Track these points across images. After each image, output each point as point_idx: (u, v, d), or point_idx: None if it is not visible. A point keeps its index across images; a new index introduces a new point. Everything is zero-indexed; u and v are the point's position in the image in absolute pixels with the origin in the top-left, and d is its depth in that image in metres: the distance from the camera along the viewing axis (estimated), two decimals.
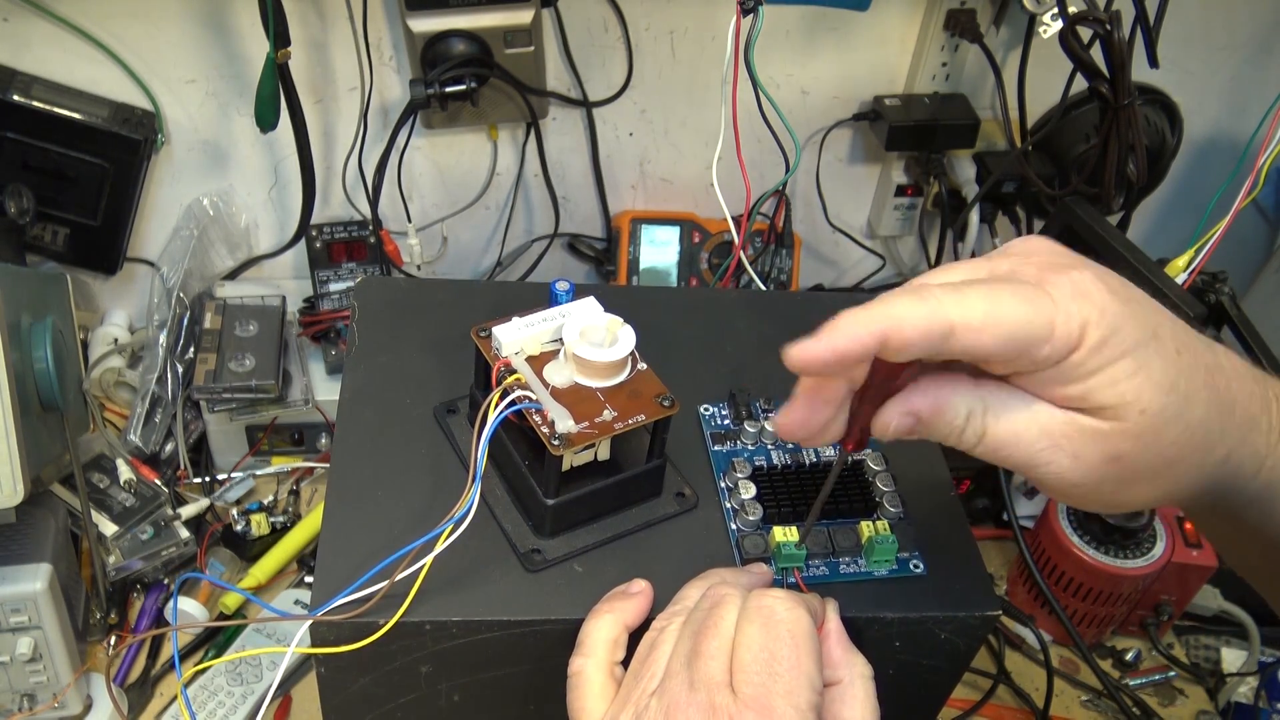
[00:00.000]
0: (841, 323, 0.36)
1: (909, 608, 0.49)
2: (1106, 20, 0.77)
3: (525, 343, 0.48)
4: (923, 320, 0.35)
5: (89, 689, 0.75)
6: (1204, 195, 0.96)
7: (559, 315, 0.49)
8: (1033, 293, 0.36)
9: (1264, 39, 1.03)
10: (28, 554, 0.70)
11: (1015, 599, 0.89)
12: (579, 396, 0.46)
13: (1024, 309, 0.35)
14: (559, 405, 0.45)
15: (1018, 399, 0.38)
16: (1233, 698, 0.83)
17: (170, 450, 0.90)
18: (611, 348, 0.47)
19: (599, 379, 0.47)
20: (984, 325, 0.35)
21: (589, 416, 0.46)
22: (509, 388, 0.46)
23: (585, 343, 0.47)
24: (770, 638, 0.40)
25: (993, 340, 0.35)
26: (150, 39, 0.87)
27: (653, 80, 0.98)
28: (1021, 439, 0.38)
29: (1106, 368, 0.36)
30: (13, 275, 0.72)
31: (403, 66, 0.93)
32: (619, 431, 0.46)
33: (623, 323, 0.48)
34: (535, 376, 0.47)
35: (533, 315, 0.49)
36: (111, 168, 0.90)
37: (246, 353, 0.89)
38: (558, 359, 0.48)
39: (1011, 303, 0.36)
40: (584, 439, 0.45)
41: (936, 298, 0.36)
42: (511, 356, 0.47)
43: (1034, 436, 0.38)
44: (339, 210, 1.01)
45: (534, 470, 0.49)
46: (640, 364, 0.48)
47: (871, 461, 0.54)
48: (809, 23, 0.97)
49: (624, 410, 0.46)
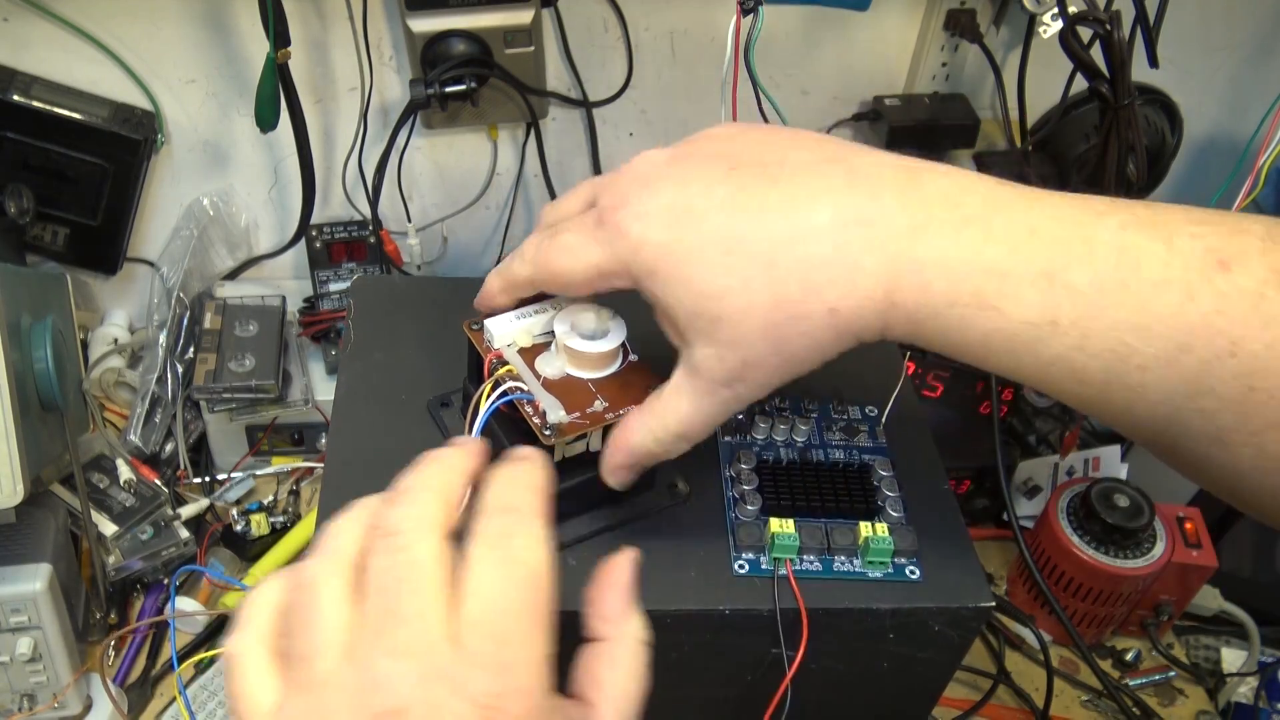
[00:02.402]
0: (482, 292, 0.49)
1: (902, 600, 0.49)
2: (1106, 20, 0.77)
3: (517, 335, 0.48)
4: (504, 287, 0.48)
5: (89, 689, 0.75)
6: (1204, 195, 0.95)
7: (550, 308, 0.49)
8: (580, 238, 0.43)
9: (1264, 39, 1.02)
10: (28, 554, 0.70)
11: (1015, 599, 0.89)
12: (571, 388, 0.47)
13: (566, 259, 0.44)
14: (550, 396, 0.46)
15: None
16: (1233, 698, 0.83)
17: (170, 450, 0.90)
18: (602, 339, 0.47)
19: (590, 370, 0.48)
20: (546, 279, 0.45)
21: (581, 407, 0.46)
22: (500, 379, 0.46)
23: (576, 334, 0.47)
24: (509, 584, 0.32)
25: (562, 288, 0.46)
26: (150, 39, 0.87)
27: (653, 80, 0.99)
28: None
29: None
30: (13, 275, 0.73)
31: (403, 66, 0.93)
32: (609, 422, 0.46)
33: (613, 314, 0.49)
34: (527, 368, 0.47)
35: (525, 308, 0.49)
36: (111, 168, 0.90)
37: (246, 353, 0.89)
38: (549, 351, 0.48)
39: (558, 254, 0.44)
40: (575, 429, 0.45)
41: (507, 266, 0.47)
42: (504, 349, 0.48)
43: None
44: (339, 210, 1.01)
45: None
46: (632, 355, 0.49)
47: (879, 467, 0.54)
48: (809, 23, 0.97)
49: (615, 401, 0.47)
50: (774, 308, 0.39)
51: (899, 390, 0.57)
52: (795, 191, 0.40)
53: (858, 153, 0.41)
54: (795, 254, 0.39)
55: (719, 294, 0.39)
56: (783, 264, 0.39)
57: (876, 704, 0.56)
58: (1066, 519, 0.82)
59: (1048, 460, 0.96)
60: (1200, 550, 0.81)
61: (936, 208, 0.38)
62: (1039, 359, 0.38)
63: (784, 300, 0.39)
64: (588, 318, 0.48)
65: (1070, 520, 0.82)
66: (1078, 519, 0.82)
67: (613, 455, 0.46)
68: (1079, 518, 0.82)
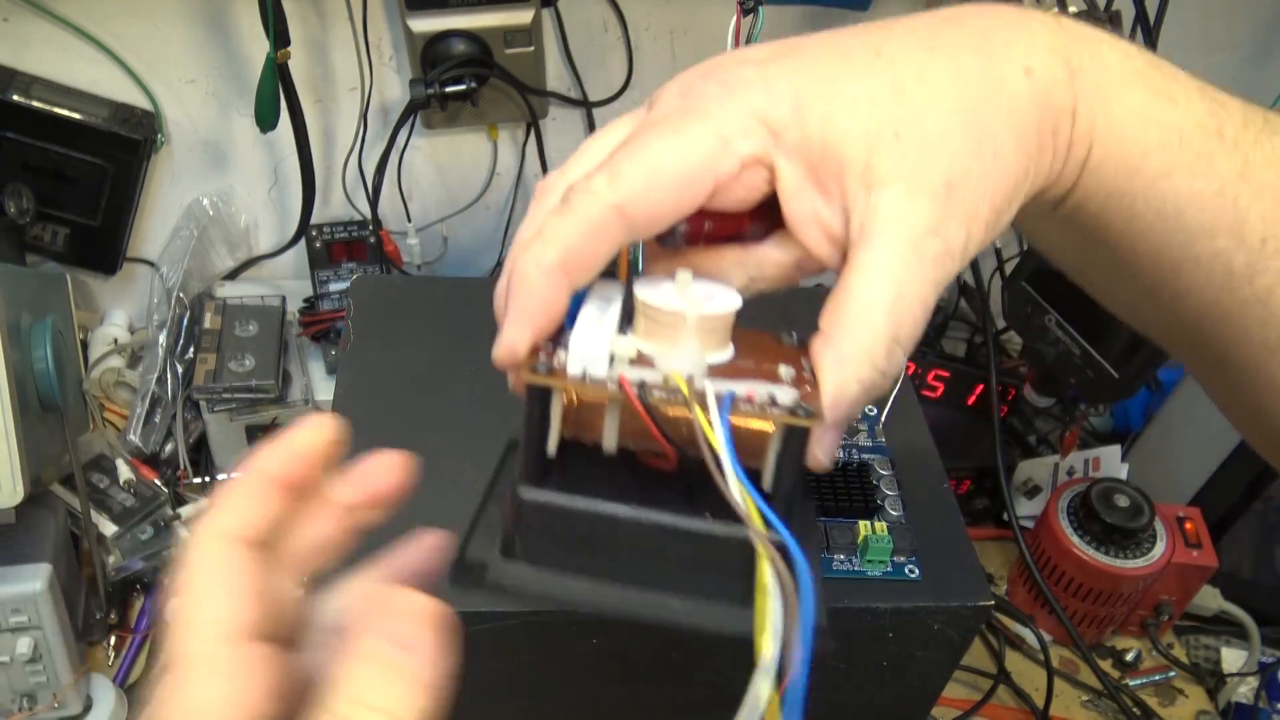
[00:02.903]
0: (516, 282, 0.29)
1: (901, 599, 0.49)
2: (1106, 20, 0.77)
3: (616, 343, 0.29)
4: (548, 264, 0.29)
5: (89, 689, 0.75)
6: None
7: (596, 304, 0.31)
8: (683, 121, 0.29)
9: (1264, 39, 1.02)
10: (28, 554, 0.70)
11: (1015, 599, 0.89)
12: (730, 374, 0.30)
13: (677, 144, 0.29)
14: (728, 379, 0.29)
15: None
16: (1233, 698, 0.83)
17: (170, 450, 0.90)
18: (722, 295, 0.31)
19: (720, 348, 0.30)
20: (626, 198, 0.28)
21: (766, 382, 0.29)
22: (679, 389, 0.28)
23: (694, 292, 0.30)
24: None
25: (664, 198, 0.29)
26: (150, 39, 0.87)
27: (653, 80, 0.98)
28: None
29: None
30: (13, 275, 0.73)
31: (403, 66, 0.93)
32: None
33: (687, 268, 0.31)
34: (693, 351, 0.30)
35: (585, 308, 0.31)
36: (111, 168, 0.90)
37: (246, 353, 0.89)
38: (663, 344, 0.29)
39: (661, 144, 0.29)
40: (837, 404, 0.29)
41: (585, 190, 0.29)
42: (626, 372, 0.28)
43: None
44: (339, 210, 1.01)
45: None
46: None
47: (879, 466, 0.54)
48: (809, 23, 0.97)
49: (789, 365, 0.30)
50: (961, 83, 0.30)
51: (898, 390, 0.57)
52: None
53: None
54: (966, 25, 0.31)
55: (887, 96, 0.29)
56: (951, 35, 0.31)
57: (876, 703, 0.56)
58: (1066, 519, 0.82)
59: (1048, 460, 0.96)
60: (1200, 550, 0.81)
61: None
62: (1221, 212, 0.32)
63: (970, 71, 0.30)
64: (668, 282, 0.30)
65: (1070, 520, 0.82)
66: (1078, 519, 0.82)
67: (833, 407, 0.28)
68: (1079, 518, 0.82)
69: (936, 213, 0.29)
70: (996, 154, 0.30)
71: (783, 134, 0.29)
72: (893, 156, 0.29)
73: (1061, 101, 0.31)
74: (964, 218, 0.29)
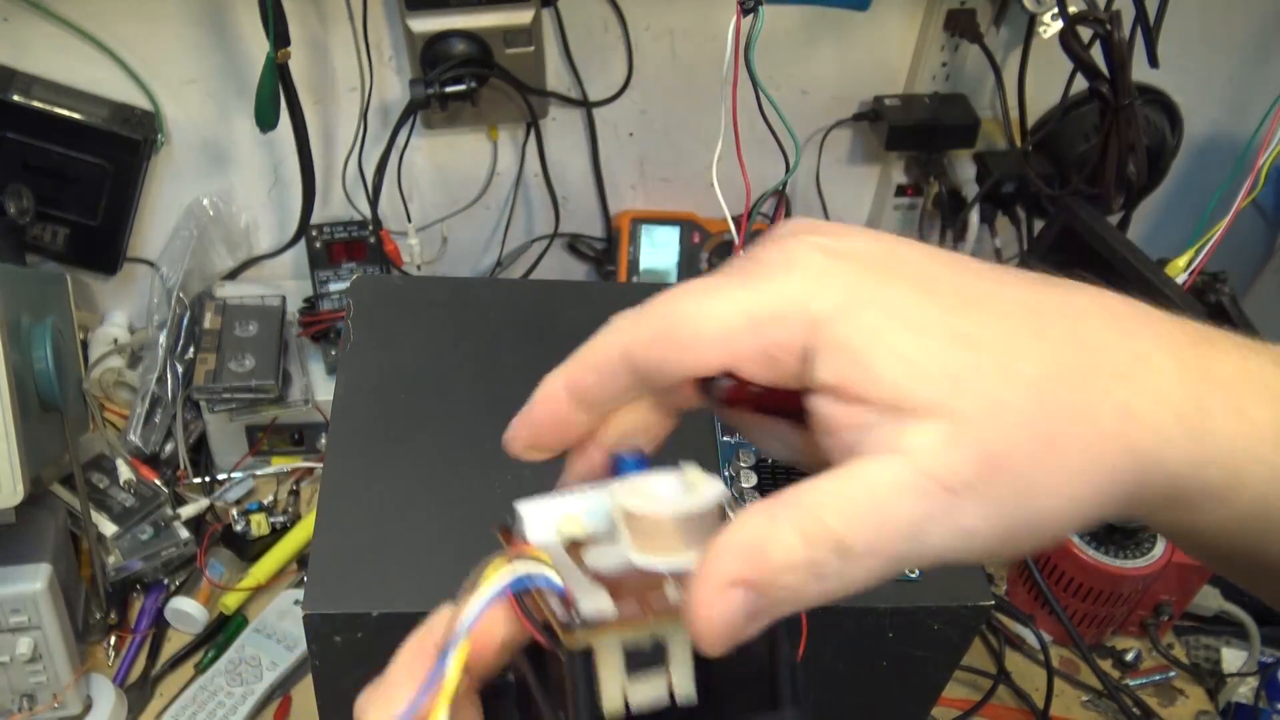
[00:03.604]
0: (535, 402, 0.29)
1: (901, 598, 0.49)
2: (1106, 20, 0.78)
3: (562, 522, 0.30)
4: (575, 382, 0.29)
5: (89, 689, 0.75)
6: (1204, 195, 0.95)
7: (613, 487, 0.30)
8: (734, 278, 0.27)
9: (1264, 39, 1.02)
10: (28, 554, 0.70)
11: (1015, 599, 0.89)
12: (633, 583, 0.28)
13: (701, 302, 0.27)
14: (595, 585, 0.28)
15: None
16: (1233, 698, 0.83)
17: (170, 450, 0.90)
18: (687, 495, 0.29)
19: (669, 551, 0.28)
20: (657, 337, 0.27)
21: (642, 597, 0.27)
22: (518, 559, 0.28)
23: (640, 495, 0.29)
24: None
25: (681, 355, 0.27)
26: (150, 39, 0.87)
27: (653, 80, 0.99)
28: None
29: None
30: (13, 275, 0.73)
31: (403, 66, 0.93)
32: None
33: (702, 469, 0.30)
34: (568, 558, 0.29)
35: (580, 489, 0.30)
36: (111, 168, 0.90)
37: (246, 353, 0.89)
38: (607, 537, 0.29)
39: (687, 297, 0.27)
40: (625, 625, 0.27)
41: (576, 355, 0.29)
42: (537, 541, 0.29)
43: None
44: (339, 210, 1.01)
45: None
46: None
47: None
48: (809, 23, 0.97)
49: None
50: (1042, 384, 0.24)
51: None
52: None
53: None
54: (1067, 323, 0.26)
55: (956, 345, 0.25)
56: (1051, 327, 0.26)
57: (876, 703, 0.56)
58: None
59: None
60: None
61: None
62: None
63: (1054, 378, 0.25)
64: (664, 480, 0.29)
65: None
66: None
67: (719, 573, 0.24)
68: None
69: (965, 474, 0.24)
70: (1062, 470, 0.24)
71: (824, 329, 0.25)
72: (938, 407, 0.24)
73: (1163, 462, 0.25)
74: (993, 503, 0.24)
